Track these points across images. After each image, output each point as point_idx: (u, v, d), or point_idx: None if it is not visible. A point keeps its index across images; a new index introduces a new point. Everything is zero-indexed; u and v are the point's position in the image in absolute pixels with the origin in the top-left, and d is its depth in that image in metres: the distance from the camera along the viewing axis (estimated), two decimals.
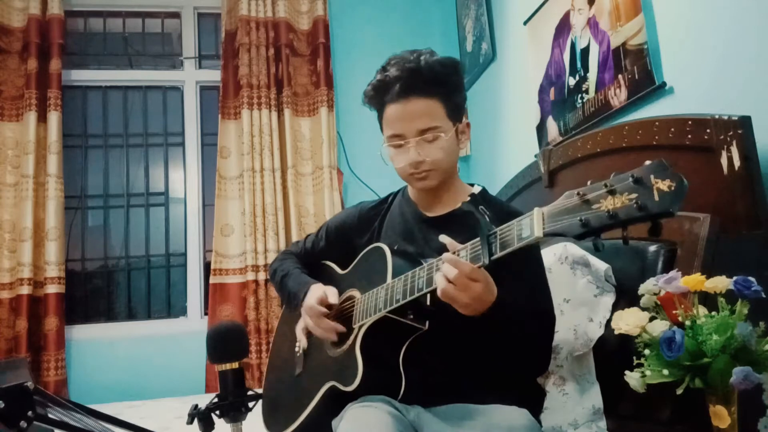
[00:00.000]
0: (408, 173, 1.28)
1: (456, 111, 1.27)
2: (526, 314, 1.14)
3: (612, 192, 0.80)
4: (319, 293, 1.31)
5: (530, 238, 0.90)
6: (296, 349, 1.46)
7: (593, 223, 0.81)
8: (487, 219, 0.99)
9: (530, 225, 0.90)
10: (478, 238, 0.99)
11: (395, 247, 1.28)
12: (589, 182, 0.84)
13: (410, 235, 1.33)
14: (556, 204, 0.87)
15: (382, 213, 1.42)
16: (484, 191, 1.36)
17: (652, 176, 0.78)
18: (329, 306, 1.30)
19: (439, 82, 1.23)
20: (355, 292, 1.31)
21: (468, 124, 1.32)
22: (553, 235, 0.87)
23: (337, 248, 1.48)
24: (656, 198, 0.76)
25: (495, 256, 0.96)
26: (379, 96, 1.28)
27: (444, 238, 1.05)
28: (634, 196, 0.78)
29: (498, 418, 1.12)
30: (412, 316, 1.15)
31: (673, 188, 0.76)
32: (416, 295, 1.09)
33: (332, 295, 1.30)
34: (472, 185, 1.39)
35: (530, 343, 1.18)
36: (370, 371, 1.16)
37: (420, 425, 1.15)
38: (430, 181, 1.27)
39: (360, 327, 1.22)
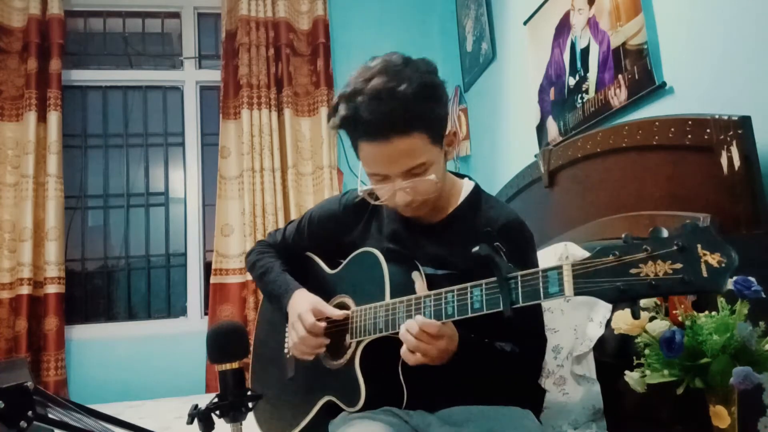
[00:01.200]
0: (396, 206, 1.20)
1: (440, 131, 1.15)
2: (515, 336, 1.13)
3: (653, 258, 0.74)
4: (310, 306, 1.23)
5: (558, 296, 0.85)
6: (285, 350, 1.43)
7: (633, 293, 0.76)
8: (505, 259, 0.92)
9: (558, 281, 0.85)
10: (494, 279, 0.93)
11: (385, 248, 1.23)
12: (624, 235, 0.78)
13: (399, 241, 1.26)
14: (589, 262, 0.81)
15: (370, 209, 1.32)
16: (476, 190, 1.28)
17: (699, 246, 0.72)
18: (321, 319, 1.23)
19: (418, 117, 1.09)
20: (347, 300, 1.27)
21: (455, 133, 1.22)
22: (582, 295, 0.82)
23: (320, 242, 1.41)
24: (704, 273, 0.71)
25: (517, 306, 0.91)
26: (348, 130, 1.14)
27: None
28: (678, 266, 0.72)
29: (502, 420, 1.11)
30: None
31: (723, 264, 0.70)
32: None
33: (326, 309, 1.23)
34: (462, 177, 1.31)
35: (521, 363, 1.17)
36: (371, 388, 1.14)
37: (424, 429, 1.14)
38: (421, 211, 1.20)
39: (358, 344, 1.19)
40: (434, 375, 1.18)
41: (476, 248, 0.92)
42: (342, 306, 1.28)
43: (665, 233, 0.75)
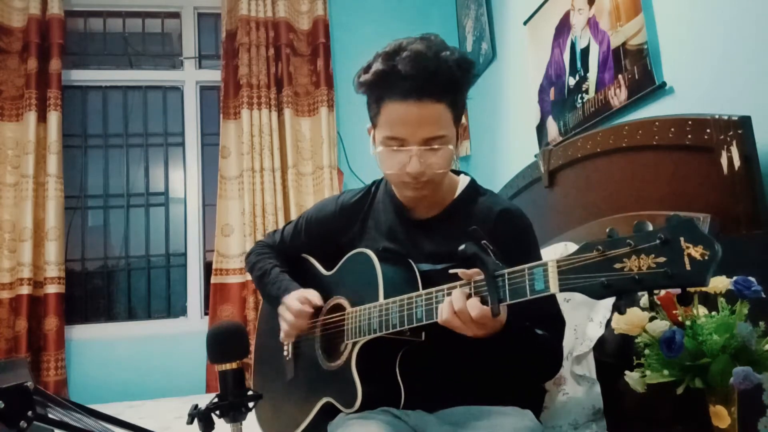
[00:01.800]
0: (401, 180, 1.17)
1: (461, 114, 1.17)
2: (534, 321, 1.12)
3: (637, 252, 0.74)
4: (300, 293, 1.28)
5: (544, 293, 0.86)
6: (284, 352, 1.43)
7: (616, 288, 0.76)
8: (493, 257, 0.92)
9: (544, 278, 0.85)
10: (482, 278, 0.94)
11: (380, 248, 1.23)
12: (608, 229, 0.78)
13: (396, 238, 1.26)
14: (573, 258, 0.81)
15: (365, 208, 1.33)
16: (473, 184, 1.29)
17: (682, 239, 0.71)
18: (311, 305, 1.27)
19: (453, 87, 1.12)
20: (342, 301, 1.28)
21: (466, 127, 1.25)
22: (568, 291, 0.83)
23: (317, 243, 1.41)
24: (687, 266, 0.70)
25: (504, 303, 0.91)
26: (380, 88, 1.13)
27: (458, 271, 0.99)
28: (662, 260, 0.72)
29: (502, 420, 1.11)
30: (408, 333, 1.11)
31: (706, 257, 0.69)
32: (414, 325, 1.06)
33: (314, 297, 1.27)
34: (458, 174, 1.32)
35: (541, 349, 1.16)
36: (368, 389, 1.14)
37: (423, 429, 1.14)
38: (424, 192, 1.18)
39: (354, 344, 1.19)
40: (433, 375, 1.18)
41: (462, 247, 0.92)
42: (338, 307, 1.28)
43: (649, 227, 0.75)
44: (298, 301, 1.26)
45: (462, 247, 0.92)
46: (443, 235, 1.22)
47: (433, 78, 1.08)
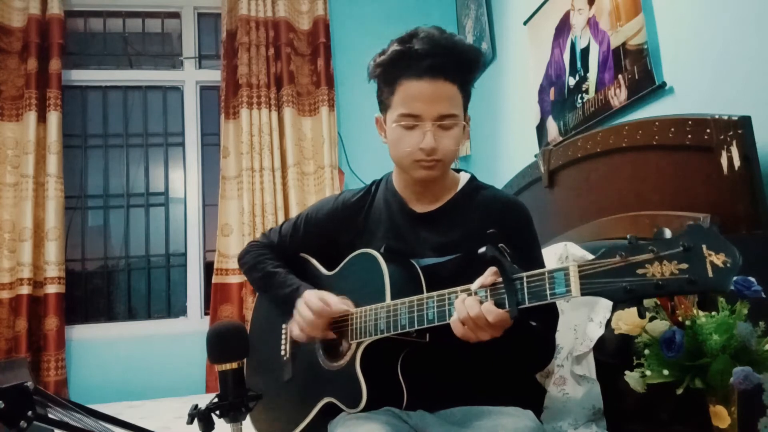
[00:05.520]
0: (415, 159, 1.17)
1: (467, 103, 1.21)
2: (531, 314, 1.13)
3: (659, 258, 0.75)
4: (319, 295, 1.23)
5: (565, 296, 0.86)
6: (282, 352, 1.42)
7: (639, 293, 0.77)
8: (509, 259, 0.93)
9: (565, 281, 0.85)
10: (499, 280, 0.94)
11: (383, 247, 1.22)
12: (628, 236, 0.80)
13: (399, 233, 1.26)
14: (595, 262, 0.82)
15: (366, 207, 1.33)
16: (473, 179, 1.31)
17: (704, 246, 0.73)
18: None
19: (466, 69, 1.17)
20: (345, 301, 1.26)
21: (468, 119, 1.24)
22: (589, 295, 0.83)
23: (317, 242, 1.39)
24: (710, 273, 0.72)
25: (523, 306, 0.91)
26: (396, 69, 1.15)
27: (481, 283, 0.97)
28: (684, 266, 0.74)
29: (503, 420, 1.11)
30: (415, 335, 1.11)
31: (729, 264, 0.72)
32: (425, 326, 1.05)
33: (334, 301, 1.22)
34: (458, 171, 1.33)
35: (535, 339, 1.16)
36: (372, 389, 1.14)
37: (423, 429, 1.14)
38: (434, 172, 1.19)
39: (359, 344, 1.18)
40: (434, 375, 1.18)
41: (482, 249, 0.92)
42: None
43: (669, 234, 0.77)
44: (320, 300, 1.22)
45: (482, 250, 0.92)
46: (447, 226, 1.22)
47: (448, 57, 1.13)
